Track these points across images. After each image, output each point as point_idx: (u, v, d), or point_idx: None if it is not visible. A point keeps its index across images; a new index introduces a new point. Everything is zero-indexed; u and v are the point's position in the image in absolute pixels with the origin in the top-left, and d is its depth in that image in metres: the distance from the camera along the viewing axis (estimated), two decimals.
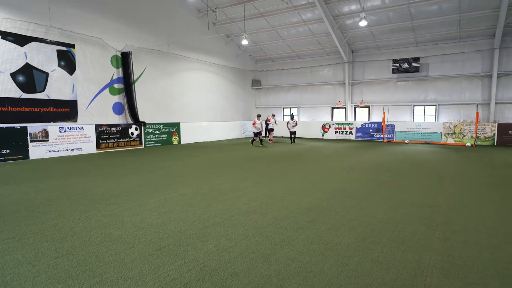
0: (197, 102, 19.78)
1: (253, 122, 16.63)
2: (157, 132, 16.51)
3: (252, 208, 5.40)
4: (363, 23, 15.48)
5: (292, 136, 18.15)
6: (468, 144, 16.54)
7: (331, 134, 20.92)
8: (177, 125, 17.61)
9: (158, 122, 16.66)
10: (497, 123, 16.41)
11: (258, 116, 16.91)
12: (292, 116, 18.74)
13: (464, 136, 16.96)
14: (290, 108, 24.07)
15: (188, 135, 18.28)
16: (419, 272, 3.22)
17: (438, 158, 11.72)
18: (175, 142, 17.45)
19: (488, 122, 17.00)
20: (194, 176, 8.29)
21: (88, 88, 13.89)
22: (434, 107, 18.92)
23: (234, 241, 3.99)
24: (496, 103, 17.11)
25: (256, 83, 24.83)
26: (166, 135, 16.98)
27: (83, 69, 13.66)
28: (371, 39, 19.35)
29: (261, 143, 16.77)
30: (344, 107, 21.54)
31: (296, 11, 17.91)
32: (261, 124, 17.22)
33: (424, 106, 19.26)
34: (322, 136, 21.16)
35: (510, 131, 16.04)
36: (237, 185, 7.19)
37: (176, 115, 18.22)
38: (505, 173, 8.63)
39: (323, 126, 21.19)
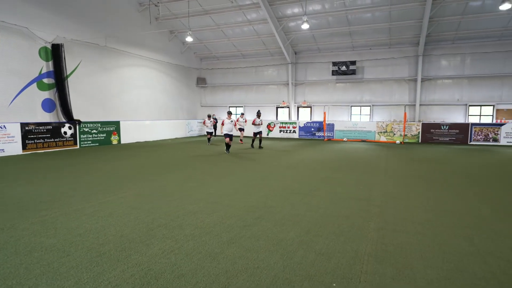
0: (139, 99, 18.90)
1: (222, 121, 13.58)
2: (94, 131, 15.43)
3: (198, 208, 5.33)
4: (305, 26, 16.14)
5: (258, 137, 14.81)
6: (397, 141, 18.18)
7: (276, 133, 21.48)
8: (116, 124, 16.63)
9: (95, 121, 15.57)
10: (421, 122, 18.28)
11: (209, 116, 17.16)
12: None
13: (394, 134, 18.60)
14: (236, 107, 24.18)
15: (129, 134, 17.37)
16: (357, 260, 3.47)
17: (372, 155, 12.69)
18: (115, 142, 16.48)
19: (414, 121, 18.85)
20: (136, 177, 7.92)
21: (11, 83, 12.47)
22: (369, 107, 20.44)
23: (180, 243, 3.91)
24: (420, 105, 19.04)
25: (201, 81, 24.48)
26: (105, 135, 15.95)
27: (5, 61, 12.24)
28: (312, 41, 20.24)
29: (209, 142, 16.65)
30: (288, 107, 22.25)
31: (241, 11, 18.03)
32: (211, 123, 17.18)
33: (360, 106, 20.71)
34: (268, 134, 21.62)
35: (431, 130, 17.97)
36: (183, 185, 7.04)
37: (115, 113, 17.20)
38: (428, 167, 9.66)
39: (268, 125, 21.66)
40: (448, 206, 5.52)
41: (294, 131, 20.87)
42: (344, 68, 19.96)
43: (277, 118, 22.70)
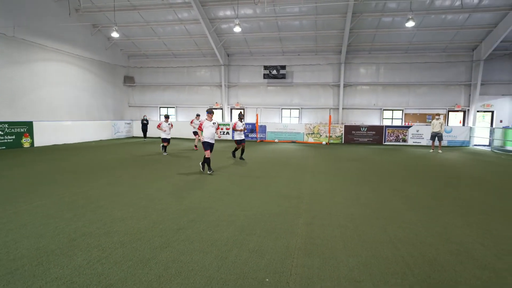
0: (56, 98, 17.10)
1: (199, 123, 9.52)
2: (0, 133, 13.54)
3: (128, 214, 5.06)
4: (237, 29, 16.38)
5: (241, 147, 11.65)
6: (324, 142, 19.51)
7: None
8: (29, 125, 14.81)
9: (2, 121, 13.68)
10: (344, 124, 19.90)
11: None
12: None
13: (321, 135, 19.91)
14: (167, 107, 23.41)
15: (45, 137, 15.60)
16: (288, 255, 3.67)
17: (301, 155, 13.42)
18: (27, 145, 14.66)
19: (338, 123, 20.43)
20: (55, 183, 7.18)
21: None
22: (298, 110, 21.55)
23: (108, 251, 3.67)
24: (343, 108, 20.72)
25: (129, 80, 23.13)
26: (14, 137, 14.09)
27: None
28: (245, 45, 20.62)
29: (164, 150, 12.99)
30: (221, 108, 22.30)
31: (172, 9, 17.54)
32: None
33: (290, 109, 21.72)
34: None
35: (353, 131, 19.67)
36: (109, 190, 6.59)
37: (27, 112, 15.32)
38: (351, 166, 10.57)
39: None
40: (366, 200, 6.13)
41: (228, 133, 21.00)
42: (275, 72, 20.73)
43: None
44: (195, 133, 15.37)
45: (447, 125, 19.38)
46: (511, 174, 9.41)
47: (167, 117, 13.12)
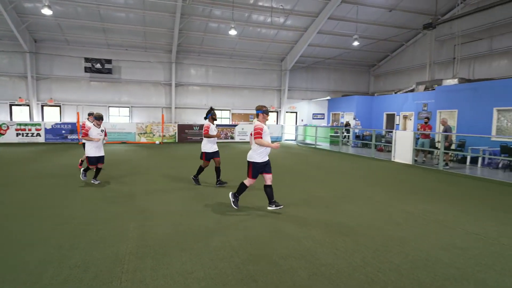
0: None
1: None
2: None
3: None
4: (47, 11, 13.83)
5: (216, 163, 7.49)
6: (157, 142, 19.08)
7: (11, 137, 17.10)
8: None
9: None
10: (177, 124, 20.06)
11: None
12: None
13: (154, 135, 19.38)
14: None
15: None
16: (117, 262, 3.42)
17: (134, 156, 12.69)
18: None
19: (171, 123, 20.42)
20: None
21: None
22: (128, 108, 20.22)
23: None
24: (176, 108, 20.85)
25: None
26: None
27: None
28: (58, 31, 17.61)
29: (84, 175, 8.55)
30: (29, 105, 18.32)
31: None
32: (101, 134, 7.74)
33: (119, 107, 20.12)
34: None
35: (186, 130, 20.11)
36: None
37: None
38: (187, 164, 10.79)
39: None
40: (193, 194, 6.42)
41: (39, 134, 17.46)
42: (98, 65, 18.69)
43: (11, 119, 18.14)
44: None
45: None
46: (309, 161, 11.93)
47: (96, 116, 7.59)
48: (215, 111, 8.02)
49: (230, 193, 5.55)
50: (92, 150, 7.17)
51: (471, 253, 3.82)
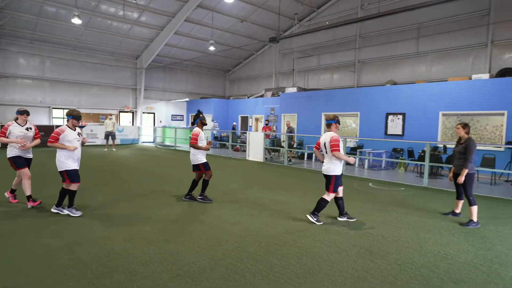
0: None
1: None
2: None
3: None
4: None
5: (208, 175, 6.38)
6: None
7: None
8: None
9: None
10: (0, 124, 16.15)
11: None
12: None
13: None
14: None
15: None
16: None
17: None
18: None
19: None
20: None
21: None
22: None
23: None
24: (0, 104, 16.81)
25: None
26: None
27: None
28: None
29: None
30: None
31: None
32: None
33: None
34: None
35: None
36: None
37: None
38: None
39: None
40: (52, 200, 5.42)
41: None
42: None
43: None
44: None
45: (119, 124, 20.84)
46: (168, 164, 11.72)
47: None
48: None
49: (308, 215, 5.09)
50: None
51: (308, 233, 4.59)
